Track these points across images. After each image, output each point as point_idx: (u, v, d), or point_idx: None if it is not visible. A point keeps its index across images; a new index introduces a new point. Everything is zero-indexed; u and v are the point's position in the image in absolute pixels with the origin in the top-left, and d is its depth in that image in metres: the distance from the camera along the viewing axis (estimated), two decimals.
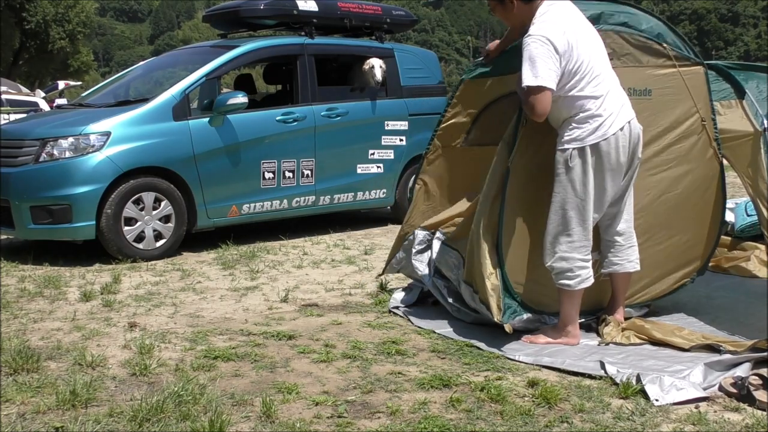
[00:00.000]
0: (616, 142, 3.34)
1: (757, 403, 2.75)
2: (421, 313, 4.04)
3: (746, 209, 5.52)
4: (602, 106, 3.33)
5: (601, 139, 3.33)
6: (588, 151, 3.34)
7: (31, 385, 2.91)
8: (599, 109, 3.33)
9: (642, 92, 3.68)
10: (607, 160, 3.35)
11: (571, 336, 3.50)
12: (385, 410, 2.73)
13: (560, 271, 3.44)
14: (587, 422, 2.63)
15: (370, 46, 7.27)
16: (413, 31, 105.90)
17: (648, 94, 3.69)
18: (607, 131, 3.32)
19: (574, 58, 3.29)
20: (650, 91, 3.69)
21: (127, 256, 5.43)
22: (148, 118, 5.65)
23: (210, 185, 5.86)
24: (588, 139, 3.33)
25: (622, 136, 3.35)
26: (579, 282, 3.44)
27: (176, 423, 2.57)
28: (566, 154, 3.37)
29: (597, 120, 3.33)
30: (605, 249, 3.64)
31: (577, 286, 3.44)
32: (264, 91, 8.62)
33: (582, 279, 3.44)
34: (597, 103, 3.33)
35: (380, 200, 7.21)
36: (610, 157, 3.34)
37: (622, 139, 3.35)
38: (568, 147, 3.37)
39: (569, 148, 3.36)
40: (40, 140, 5.45)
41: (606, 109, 3.34)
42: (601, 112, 3.33)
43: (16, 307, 4.17)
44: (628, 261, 3.61)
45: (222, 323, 3.89)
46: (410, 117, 7.29)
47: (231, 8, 6.90)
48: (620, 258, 3.61)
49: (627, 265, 3.62)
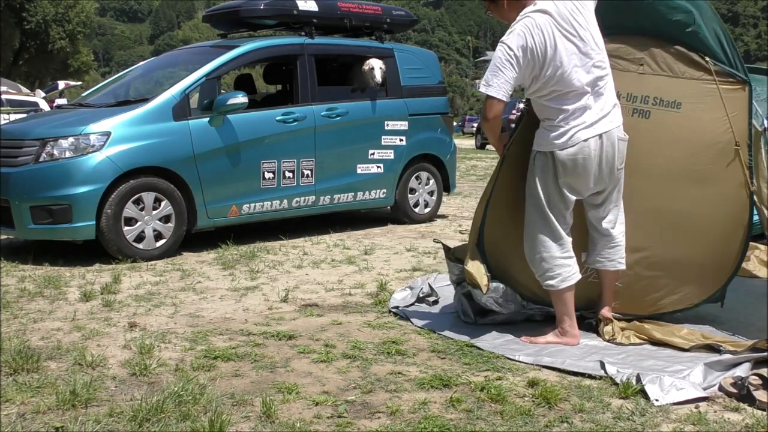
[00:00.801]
0: (574, 154, 3.33)
1: (757, 403, 2.75)
2: (421, 313, 4.05)
3: None
4: (568, 119, 3.33)
5: (559, 149, 3.35)
6: (549, 157, 3.39)
7: (31, 385, 2.91)
8: (564, 121, 3.34)
9: (670, 104, 3.57)
10: (562, 169, 3.36)
11: (569, 336, 3.51)
12: (385, 410, 2.73)
13: (542, 272, 3.48)
14: (587, 422, 2.63)
15: (370, 46, 7.28)
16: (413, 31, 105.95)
17: (677, 107, 3.56)
18: (567, 142, 3.34)
19: (542, 67, 3.28)
20: (680, 104, 3.56)
21: (127, 256, 5.43)
22: (148, 118, 5.65)
23: (210, 185, 5.86)
24: (549, 146, 3.38)
25: (586, 147, 3.33)
26: (561, 281, 3.45)
27: (176, 423, 2.57)
28: (532, 155, 3.47)
29: (559, 129, 3.35)
30: (591, 248, 3.66)
31: (560, 285, 3.46)
32: (264, 91, 8.62)
33: (564, 277, 3.45)
34: (564, 115, 3.34)
35: (380, 200, 7.22)
36: (565, 166, 3.36)
37: (584, 150, 3.34)
38: (535, 149, 3.46)
39: (535, 150, 3.45)
40: (40, 140, 5.45)
41: (572, 121, 3.33)
42: (564, 124, 3.34)
43: (16, 307, 4.17)
44: (609, 260, 3.61)
45: (222, 323, 3.89)
46: (410, 117, 7.31)
47: (231, 8, 6.90)
48: (602, 257, 3.61)
49: (608, 264, 3.61)
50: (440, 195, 7.84)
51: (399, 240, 6.56)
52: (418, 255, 5.82)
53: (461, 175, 13.33)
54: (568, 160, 3.35)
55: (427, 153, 7.55)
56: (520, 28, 3.29)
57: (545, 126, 3.41)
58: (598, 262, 3.63)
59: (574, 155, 3.34)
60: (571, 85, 3.31)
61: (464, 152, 20.44)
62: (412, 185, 7.49)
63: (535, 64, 3.28)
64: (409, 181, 7.43)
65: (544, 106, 3.39)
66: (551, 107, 3.36)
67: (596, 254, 3.62)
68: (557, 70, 3.28)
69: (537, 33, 3.27)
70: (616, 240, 3.60)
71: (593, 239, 3.63)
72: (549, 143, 3.38)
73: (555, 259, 3.44)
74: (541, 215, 3.45)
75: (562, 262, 3.45)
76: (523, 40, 3.27)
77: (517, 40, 3.28)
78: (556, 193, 3.43)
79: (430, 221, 7.67)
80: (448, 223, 7.72)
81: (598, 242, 3.61)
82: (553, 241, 3.45)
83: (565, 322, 3.51)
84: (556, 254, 3.44)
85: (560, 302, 3.51)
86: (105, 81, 7.56)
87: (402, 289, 4.46)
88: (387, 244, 6.33)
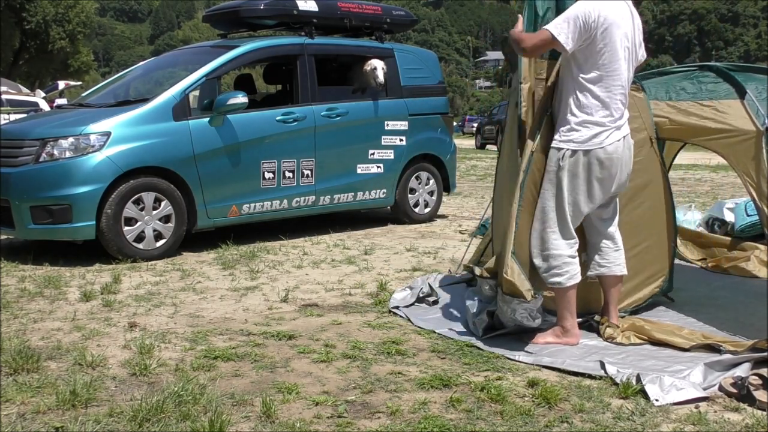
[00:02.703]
0: (612, 153, 3.36)
1: (757, 403, 2.75)
2: (421, 313, 4.05)
3: (746, 209, 5.53)
4: (606, 115, 3.35)
5: (598, 146, 3.35)
6: (581, 156, 3.36)
7: (31, 385, 2.91)
8: (603, 117, 3.34)
9: None
10: (599, 169, 3.37)
11: (570, 335, 3.51)
12: (385, 410, 2.73)
13: (548, 268, 3.46)
14: (587, 422, 2.63)
15: (370, 46, 7.28)
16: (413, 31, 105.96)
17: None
18: (604, 141, 3.35)
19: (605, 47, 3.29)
20: None
21: (127, 256, 5.43)
22: (148, 118, 5.65)
23: (210, 185, 5.86)
24: (584, 144, 3.35)
25: (618, 148, 3.38)
26: (569, 278, 3.45)
27: (176, 423, 2.57)
28: (560, 153, 3.40)
29: (597, 128, 3.35)
30: (591, 252, 3.66)
31: (567, 282, 3.45)
32: (264, 91, 8.62)
33: (571, 275, 3.45)
34: (602, 110, 3.34)
35: (380, 200, 7.22)
36: (603, 166, 3.37)
37: (617, 151, 3.38)
38: (563, 147, 3.39)
39: (564, 148, 3.39)
40: (40, 140, 5.45)
41: (609, 119, 3.36)
42: (604, 121, 3.35)
43: (16, 307, 4.17)
44: (615, 264, 3.62)
45: (222, 323, 3.89)
46: (410, 117, 7.31)
47: (231, 8, 6.90)
48: (607, 261, 3.61)
49: (614, 268, 3.62)
50: (440, 195, 7.84)
51: (399, 240, 6.56)
52: (418, 255, 5.82)
53: (461, 175, 13.33)
54: (606, 158, 3.35)
55: (427, 153, 7.56)
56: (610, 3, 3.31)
57: (579, 122, 3.35)
58: (604, 267, 3.62)
59: (611, 154, 3.35)
60: (616, 73, 3.32)
61: (464, 152, 20.44)
62: (412, 185, 7.49)
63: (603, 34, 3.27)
64: (409, 181, 7.43)
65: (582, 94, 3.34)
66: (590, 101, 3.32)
67: (600, 259, 3.61)
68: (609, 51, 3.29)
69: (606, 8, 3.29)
70: (618, 244, 3.61)
71: (595, 245, 3.63)
72: (585, 141, 3.34)
73: (564, 257, 3.43)
74: (559, 213, 3.42)
75: (570, 260, 3.45)
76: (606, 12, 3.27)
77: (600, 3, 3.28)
78: (584, 193, 3.40)
79: (430, 221, 7.67)
80: (448, 223, 7.72)
81: (602, 247, 3.61)
82: (565, 239, 3.43)
83: (567, 320, 3.51)
84: (565, 252, 3.43)
85: (564, 300, 3.50)
86: (105, 81, 7.55)
87: (402, 289, 4.46)
88: (387, 244, 6.33)
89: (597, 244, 3.62)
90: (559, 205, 3.42)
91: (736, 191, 9.86)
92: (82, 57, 42.34)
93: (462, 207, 9.09)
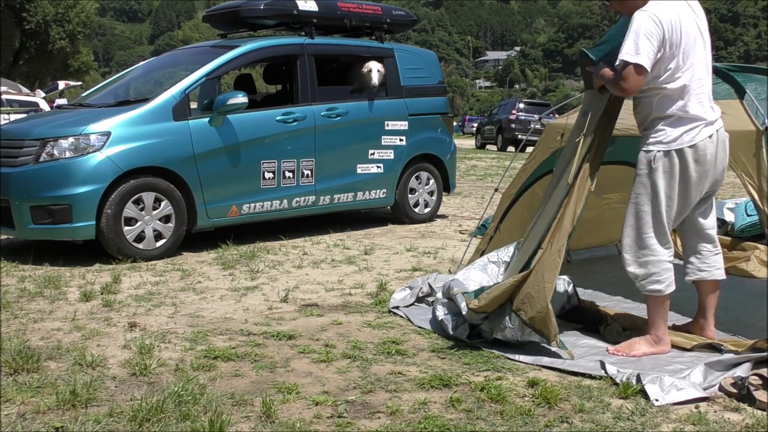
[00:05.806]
0: (704, 150, 3.22)
1: (757, 403, 2.75)
2: (421, 313, 4.04)
3: (746, 209, 5.53)
4: (695, 111, 3.22)
5: (688, 145, 3.21)
6: (674, 156, 3.22)
7: (31, 385, 2.91)
8: (692, 113, 3.21)
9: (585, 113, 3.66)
10: (693, 167, 3.22)
11: (663, 344, 3.36)
12: (385, 410, 2.73)
13: (646, 275, 3.31)
14: (587, 422, 2.63)
15: (370, 46, 7.28)
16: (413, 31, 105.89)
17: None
18: (695, 137, 3.20)
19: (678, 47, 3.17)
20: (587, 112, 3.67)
21: (127, 256, 5.43)
22: (148, 118, 5.65)
23: (210, 185, 5.86)
24: (675, 143, 3.22)
25: (711, 144, 3.23)
26: (668, 285, 3.31)
27: (176, 423, 2.57)
28: (650, 155, 3.26)
29: (687, 125, 3.21)
30: (689, 255, 3.49)
31: (667, 289, 3.32)
32: (264, 91, 8.62)
33: (669, 282, 3.30)
34: (690, 106, 3.21)
35: (380, 200, 7.22)
36: (696, 164, 3.22)
37: (710, 147, 3.23)
38: (653, 149, 3.25)
39: (654, 150, 3.25)
40: (40, 140, 5.45)
41: (698, 115, 3.22)
42: (693, 117, 3.22)
43: (16, 307, 4.17)
44: (715, 268, 3.45)
45: (222, 323, 3.89)
46: (410, 117, 7.31)
47: (231, 8, 6.90)
48: (707, 265, 3.45)
49: (715, 272, 3.45)
50: (440, 195, 7.84)
51: (399, 240, 6.56)
52: (418, 255, 5.82)
53: (461, 175, 13.33)
54: (699, 155, 3.21)
55: (427, 153, 7.56)
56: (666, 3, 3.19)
57: (668, 122, 3.23)
58: (704, 271, 3.45)
59: (703, 150, 3.21)
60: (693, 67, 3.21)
61: (464, 152, 20.44)
62: (412, 185, 7.49)
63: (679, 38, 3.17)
64: (409, 181, 7.43)
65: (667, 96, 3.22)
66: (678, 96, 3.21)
67: (700, 263, 3.45)
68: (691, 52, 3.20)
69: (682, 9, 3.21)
70: (717, 246, 3.47)
71: (694, 248, 3.47)
72: (674, 140, 3.21)
73: (663, 263, 3.30)
74: (656, 218, 3.27)
75: (669, 266, 3.32)
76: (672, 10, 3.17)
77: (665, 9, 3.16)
78: (681, 193, 3.26)
79: (430, 221, 7.67)
80: (448, 223, 7.72)
81: (701, 250, 3.44)
82: (662, 245, 3.30)
83: (660, 328, 3.36)
84: (664, 258, 3.31)
85: (661, 308, 3.36)
86: (105, 81, 7.55)
87: (402, 289, 4.46)
88: (387, 244, 6.33)
89: (695, 247, 3.45)
90: (655, 208, 3.27)
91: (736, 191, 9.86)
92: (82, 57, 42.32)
93: (462, 207, 9.10)
